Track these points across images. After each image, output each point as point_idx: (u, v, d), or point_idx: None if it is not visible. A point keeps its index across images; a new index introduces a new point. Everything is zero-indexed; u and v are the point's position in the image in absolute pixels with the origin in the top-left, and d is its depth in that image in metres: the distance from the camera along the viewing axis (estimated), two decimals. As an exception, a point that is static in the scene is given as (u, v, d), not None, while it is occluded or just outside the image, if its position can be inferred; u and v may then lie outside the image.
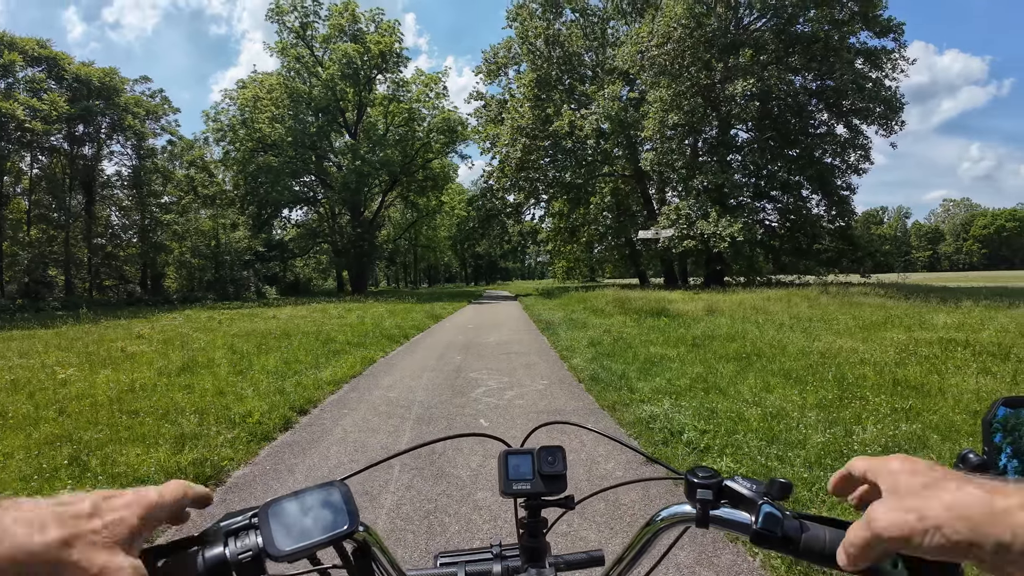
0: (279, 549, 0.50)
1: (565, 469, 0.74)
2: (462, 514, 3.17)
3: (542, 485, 0.72)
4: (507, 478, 0.73)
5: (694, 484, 0.63)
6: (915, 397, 4.93)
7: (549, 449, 0.74)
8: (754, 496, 0.59)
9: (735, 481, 0.62)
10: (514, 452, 0.75)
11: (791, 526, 0.56)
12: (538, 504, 0.74)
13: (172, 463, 3.87)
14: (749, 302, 14.68)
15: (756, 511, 0.57)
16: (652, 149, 26.53)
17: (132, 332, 12.70)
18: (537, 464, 0.73)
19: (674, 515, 0.67)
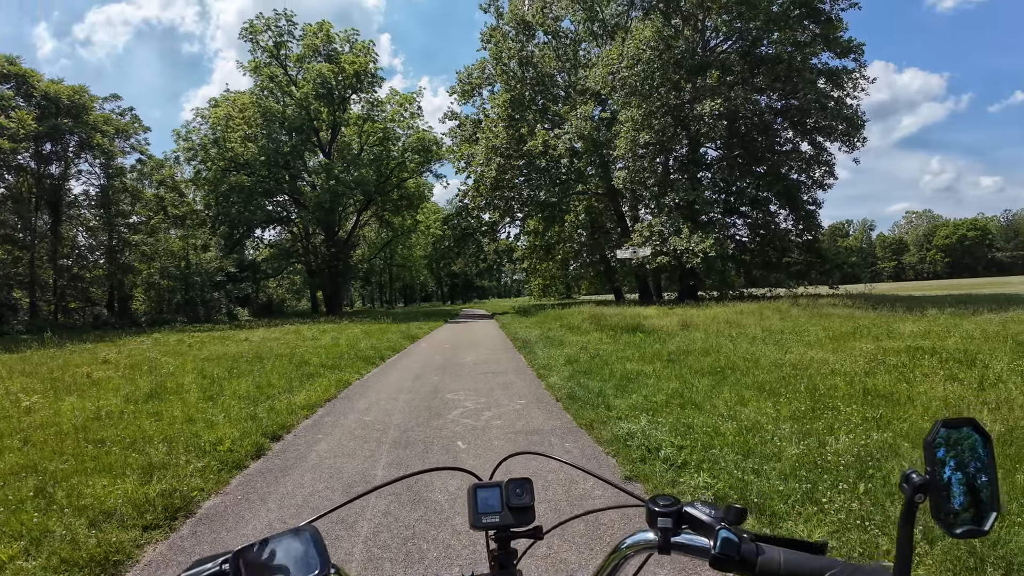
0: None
1: (533, 501, 0.75)
2: (440, 540, 3.12)
3: (511, 517, 0.74)
4: (476, 511, 0.74)
5: (655, 512, 0.65)
6: (885, 406, 5.05)
7: (517, 481, 0.76)
8: (712, 522, 0.62)
9: (694, 507, 0.64)
10: (483, 485, 0.76)
11: (748, 549, 0.58)
12: (508, 536, 0.75)
13: (140, 494, 3.74)
14: (722, 316, 14.92)
15: (714, 536, 0.59)
16: (624, 167, 26.95)
17: (98, 357, 12.30)
18: (505, 496, 0.75)
19: (638, 542, 0.69)
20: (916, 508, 0.53)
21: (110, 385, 8.25)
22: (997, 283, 49.81)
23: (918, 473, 0.54)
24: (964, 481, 0.56)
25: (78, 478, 4.12)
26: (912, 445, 3.97)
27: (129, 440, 5.12)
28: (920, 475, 0.54)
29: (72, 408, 6.50)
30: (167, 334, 21.11)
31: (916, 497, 0.52)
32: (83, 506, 3.60)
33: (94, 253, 35.58)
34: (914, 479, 0.53)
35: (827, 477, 3.52)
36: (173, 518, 3.57)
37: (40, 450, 4.83)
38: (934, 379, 5.93)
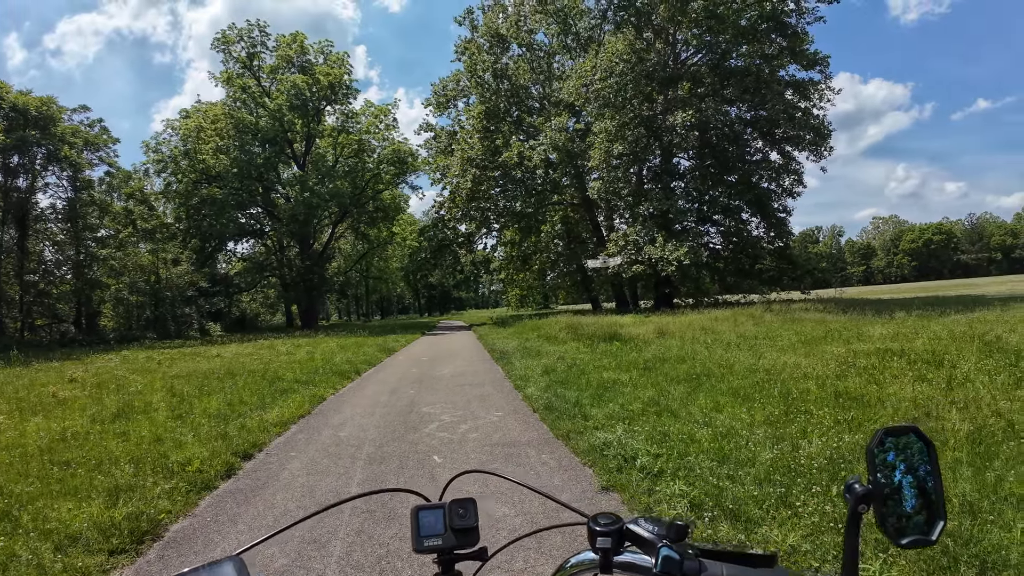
0: None
1: (477, 522, 0.74)
2: (415, 559, 3.07)
3: (454, 539, 0.72)
4: (418, 535, 0.72)
5: (595, 532, 0.64)
6: (856, 408, 5.14)
7: (460, 502, 0.75)
8: (654, 539, 0.61)
9: (637, 524, 0.63)
10: (425, 507, 0.75)
11: (690, 567, 0.57)
12: (451, 559, 0.74)
13: (106, 518, 3.61)
14: (698, 323, 15.09)
15: (656, 554, 0.58)
16: (599, 178, 27.25)
17: (65, 375, 11.90)
18: (448, 518, 0.73)
19: (581, 562, 0.68)
20: (860, 517, 0.53)
21: (76, 405, 7.99)
22: (963, 285, 51.39)
23: (860, 483, 0.54)
24: (915, 484, 0.56)
25: (43, 501, 3.98)
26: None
27: (95, 461, 4.96)
28: (863, 485, 0.54)
29: (37, 429, 6.28)
30: (136, 351, 20.53)
31: (860, 507, 0.52)
32: (49, 530, 3.48)
33: (61, 268, 34.60)
34: (856, 489, 0.53)
35: (801, 481, 3.56)
36: (140, 542, 3.45)
37: (5, 472, 4.65)
38: (903, 380, 6.05)
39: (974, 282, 62.07)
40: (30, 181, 32.37)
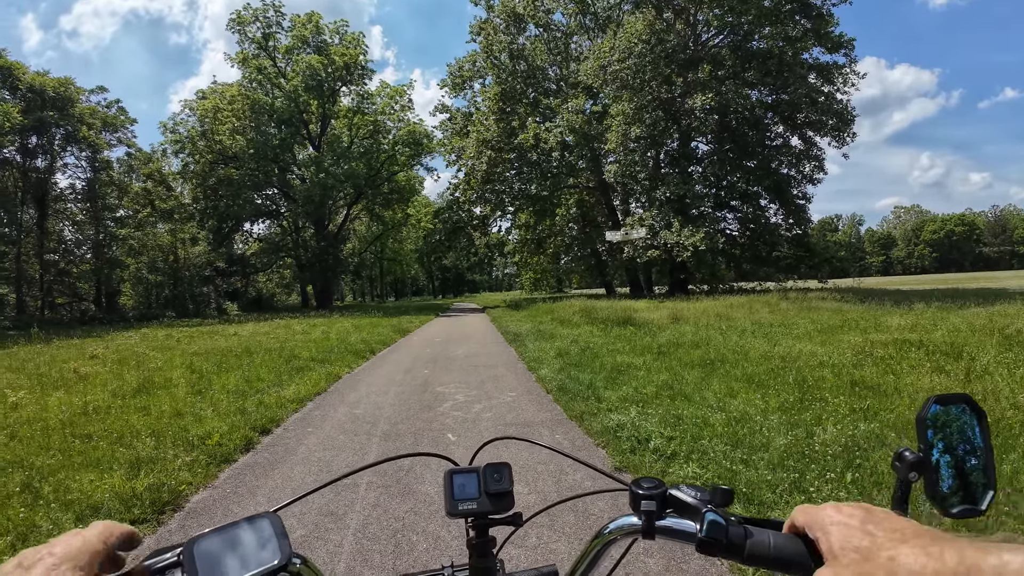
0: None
1: (512, 486, 0.73)
2: (430, 531, 3.12)
3: (488, 504, 0.72)
4: (452, 498, 0.72)
5: (638, 495, 0.63)
6: (872, 397, 5.09)
7: (495, 466, 0.74)
8: (698, 504, 0.60)
9: (679, 490, 0.62)
10: (459, 471, 0.74)
11: (736, 532, 0.56)
12: (485, 523, 0.74)
13: (127, 488, 3.70)
14: (712, 309, 14.99)
15: (700, 519, 0.57)
16: (615, 161, 26.97)
17: (85, 352, 12.16)
18: (483, 482, 0.73)
19: (621, 527, 0.67)
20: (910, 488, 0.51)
21: (98, 380, 8.17)
22: (984, 278, 50.42)
23: (911, 451, 0.53)
24: (952, 464, 0.55)
25: (65, 473, 4.08)
26: (898, 435, 4.01)
27: (116, 435, 5.07)
28: (913, 452, 0.52)
29: (59, 403, 6.42)
30: (155, 329, 20.92)
31: (911, 475, 0.51)
32: (70, 501, 3.57)
33: (81, 248, 35.17)
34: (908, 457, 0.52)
35: (815, 467, 3.55)
36: (161, 512, 3.54)
37: (27, 445, 4.77)
38: (921, 371, 5.98)
39: (996, 275, 60.85)
40: (49, 162, 32.81)
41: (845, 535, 0.44)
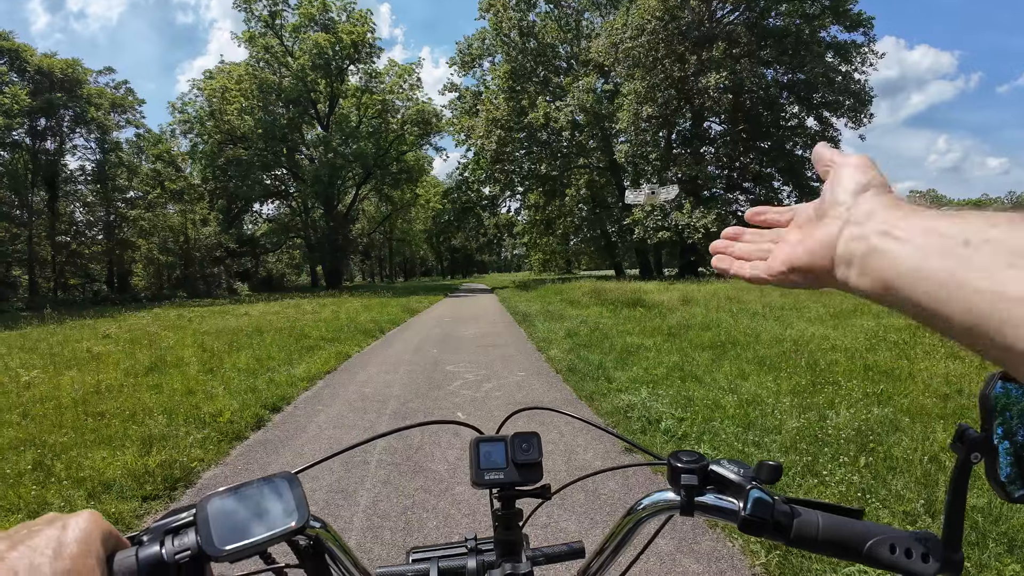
0: (218, 548, 0.45)
1: (541, 456, 0.69)
2: (440, 509, 3.12)
3: (516, 474, 0.68)
4: (478, 467, 0.68)
5: (678, 469, 0.59)
6: (886, 382, 5.03)
7: (523, 436, 0.70)
8: (742, 481, 0.56)
9: (721, 465, 0.59)
10: (486, 440, 0.70)
11: (782, 511, 0.53)
12: (512, 495, 0.70)
13: (139, 465, 3.74)
14: (723, 292, 14.87)
15: (744, 496, 0.54)
16: (627, 141, 26.66)
17: (98, 332, 12.29)
18: (511, 452, 0.69)
19: (657, 503, 0.63)
20: (970, 469, 0.47)
21: (110, 359, 8.24)
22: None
23: (974, 429, 0.48)
24: (1012, 451, 0.50)
25: (77, 450, 4.12)
26: (912, 420, 3.95)
27: (129, 412, 5.12)
28: (975, 431, 0.48)
29: (72, 382, 6.48)
30: (167, 309, 21.11)
31: (972, 456, 0.46)
32: (82, 478, 3.60)
33: (92, 229, 35.38)
34: (970, 436, 0.47)
35: (827, 450, 3.51)
36: (173, 488, 3.57)
37: (39, 424, 4.82)
38: (935, 356, 5.90)
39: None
40: (58, 144, 32.89)
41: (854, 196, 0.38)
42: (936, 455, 3.28)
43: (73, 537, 0.38)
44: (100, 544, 0.40)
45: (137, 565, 0.43)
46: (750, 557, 2.51)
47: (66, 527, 0.39)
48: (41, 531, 0.38)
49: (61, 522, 0.40)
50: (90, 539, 0.39)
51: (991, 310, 0.25)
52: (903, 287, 0.30)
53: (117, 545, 0.43)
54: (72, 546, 0.38)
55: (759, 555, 2.49)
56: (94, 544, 0.39)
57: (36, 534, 0.38)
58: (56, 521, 0.40)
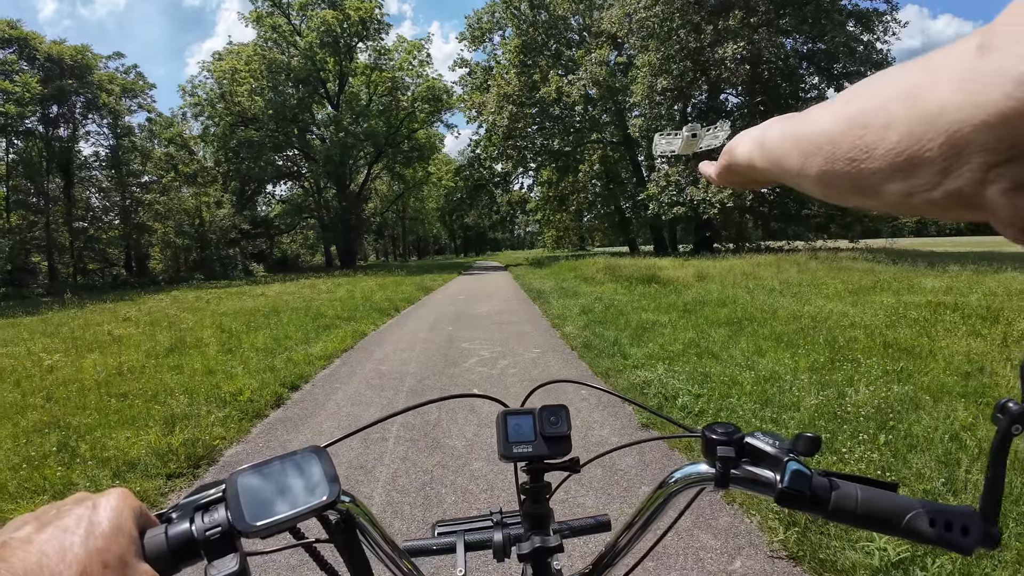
0: (249, 524, 0.45)
1: (569, 429, 0.68)
2: (458, 484, 3.16)
3: (545, 447, 0.67)
4: (506, 440, 0.67)
5: (713, 441, 0.58)
6: (906, 359, 4.95)
7: (551, 408, 0.69)
8: (778, 453, 0.55)
9: (756, 437, 0.57)
10: (513, 412, 0.69)
11: (820, 484, 0.52)
12: (541, 468, 0.69)
13: (163, 444, 3.82)
14: (739, 268, 14.72)
15: (781, 469, 0.53)
16: (641, 115, 26.21)
17: (119, 315, 12.51)
18: (539, 425, 0.68)
19: (690, 476, 0.62)
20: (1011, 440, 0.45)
21: (131, 341, 8.40)
22: (1022, 238, 48.17)
23: (1016, 401, 0.46)
24: None
25: (101, 431, 4.21)
26: (933, 399, 3.89)
27: (151, 393, 5.22)
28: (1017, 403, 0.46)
29: (94, 365, 6.62)
30: (185, 291, 21.42)
31: (1014, 428, 0.45)
32: (106, 458, 3.68)
33: (108, 214, 35.79)
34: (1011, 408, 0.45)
35: (847, 428, 3.48)
36: (196, 466, 3.65)
37: (63, 406, 4.93)
38: (956, 334, 5.79)
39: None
40: (71, 130, 33.12)
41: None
42: (957, 434, 3.24)
43: (105, 516, 0.38)
44: (132, 522, 0.40)
45: (167, 543, 0.42)
46: (768, 533, 2.51)
47: (97, 506, 0.39)
48: (71, 511, 0.38)
49: (91, 501, 0.39)
50: (122, 517, 0.39)
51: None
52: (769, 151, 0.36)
53: (147, 523, 0.43)
54: (104, 525, 0.37)
55: (777, 531, 2.48)
56: (126, 522, 0.39)
57: (66, 514, 0.37)
58: (86, 500, 0.39)
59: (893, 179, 0.25)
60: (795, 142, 0.32)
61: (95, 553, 0.35)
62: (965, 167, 0.22)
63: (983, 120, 0.20)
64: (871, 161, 0.25)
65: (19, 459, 3.71)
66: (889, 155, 0.24)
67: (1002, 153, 0.21)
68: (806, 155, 0.30)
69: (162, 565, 0.41)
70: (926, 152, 0.23)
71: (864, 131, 0.26)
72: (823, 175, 0.29)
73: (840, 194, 0.29)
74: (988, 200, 0.22)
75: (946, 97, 0.22)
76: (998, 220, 0.23)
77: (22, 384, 5.87)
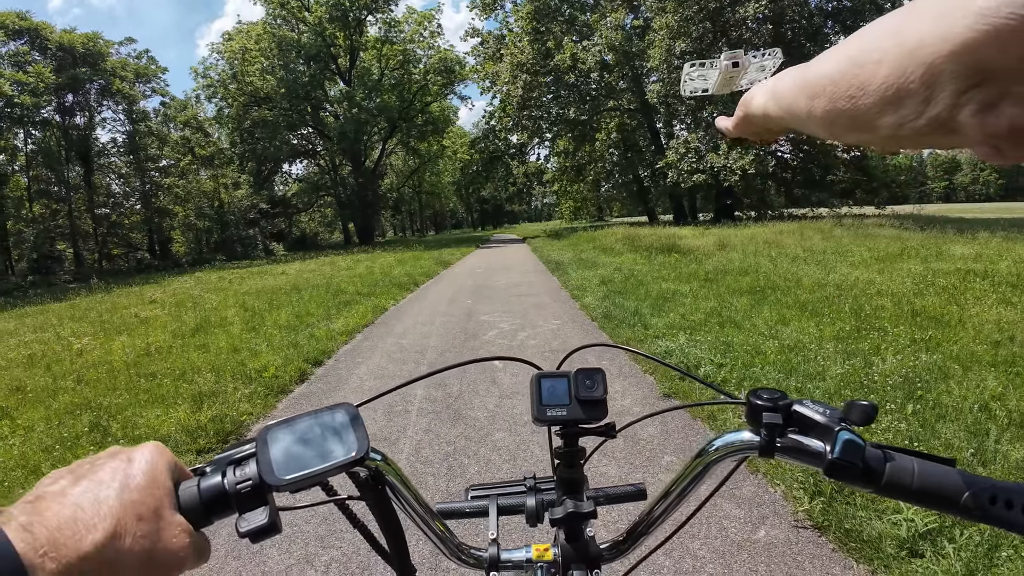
0: (278, 478, 0.45)
1: (605, 393, 0.66)
2: (481, 455, 3.19)
3: (580, 411, 0.65)
4: (540, 403, 0.65)
5: (758, 407, 0.55)
6: (934, 328, 4.82)
7: (587, 372, 0.66)
8: (829, 422, 0.51)
9: (805, 405, 0.54)
10: (548, 375, 0.67)
11: (873, 456, 0.49)
12: (575, 432, 0.67)
13: (192, 421, 3.92)
14: (761, 236, 14.43)
15: (832, 439, 0.50)
16: (659, 80, 25.48)
17: (144, 298, 12.79)
18: (574, 388, 0.66)
19: (732, 444, 0.59)
20: None
21: (158, 323, 8.59)
22: (1054, 206, 46.59)
23: None
24: None
25: (132, 410, 4.33)
26: (963, 368, 3.79)
27: (179, 372, 5.34)
28: None
29: (123, 346, 6.78)
30: (208, 272, 21.78)
31: None
32: (138, 436, 3.79)
33: (129, 199, 36.38)
34: None
35: (873, 397, 3.41)
36: (224, 441, 3.74)
37: (94, 388, 5.07)
38: (986, 302, 5.61)
39: (1067, 205, 55.90)
40: (87, 118, 33.47)
41: None
42: (987, 404, 3.16)
43: (139, 469, 0.39)
44: (167, 475, 0.40)
45: (199, 495, 0.43)
46: (793, 503, 2.49)
47: (131, 460, 0.39)
48: (105, 464, 0.38)
49: (126, 455, 0.40)
50: (156, 470, 0.40)
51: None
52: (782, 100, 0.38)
53: (181, 476, 0.44)
54: (138, 478, 0.38)
55: (802, 501, 2.46)
56: (161, 475, 0.40)
57: (100, 468, 0.38)
58: (120, 454, 0.40)
59: (886, 112, 0.28)
60: (803, 87, 0.34)
61: (129, 505, 0.36)
62: (941, 94, 0.24)
63: (951, 50, 0.23)
64: (866, 97, 0.28)
65: (52, 440, 3.84)
66: (880, 89, 0.27)
67: (970, 79, 0.23)
68: (812, 97, 0.33)
69: (195, 517, 0.42)
70: (910, 84, 0.25)
71: (860, 69, 0.28)
72: (827, 114, 0.32)
73: (843, 131, 0.32)
74: (961, 123, 0.25)
75: (924, 31, 0.25)
76: (972, 141, 0.25)
77: (52, 368, 6.05)
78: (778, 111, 0.39)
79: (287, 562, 2.34)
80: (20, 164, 31.97)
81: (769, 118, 0.41)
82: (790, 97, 0.36)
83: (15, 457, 3.61)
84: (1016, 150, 0.24)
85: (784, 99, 0.38)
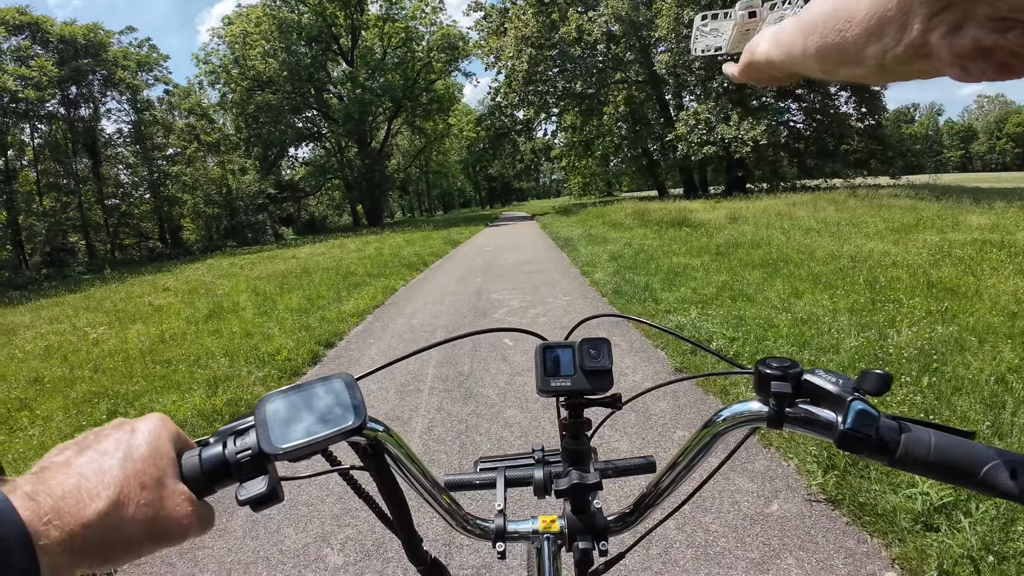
0: (275, 447, 0.45)
1: (611, 364, 0.65)
2: (493, 432, 3.21)
3: (585, 382, 0.64)
4: (544, 374, 0.64)
5: (767, 376, 0.52)
6: (951, 299, 4.74)
7: (592, 341, 0.65)
8: (841, 392, 0.49)
9: (816, 374, 0.52)
10: (552, 345, 0.66)
11: (888, 427, 0.47)
12: (580, 403, 0.66)
13: (207, 405, 3.97)
14: (773, 208, 14.23)
15: (844, 409, 0.48)
16: (667, 50, 24.91)
17: (158, 286, 12.92)
18: (579, 358, 0.64)
19: (740, 414, 0.57)
20: None
21: (171, 310, 8.69)
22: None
23: None
24: None
25: (148, 396, 4.40)
26: (979, 340, 3.72)
27: (193, 357, 5.41)
28: None
29: (138, 335, 6.88)
30: (219, 259, 21.93)
31: None
32: (155, 422, 3.84)
33: (138, 189, 36.49)
34: None
35: (888, 370, 3.29)
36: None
37: (110, 376, 5.15)
38: (1003, 273, 5.51)
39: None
40: (92, 109, 33.44)
41: None
42: (1003, 376, 3.11)
43: (143, 439, 0.40)
44: (170, 445, 0.41)
45: (201, 464, 0.43)
46: (806, 477, 2.48)
47: (135, 430, 0.40)
48: (109, 435, 0.39)
49: (129, 426, 0.41)
50: (159, 440, 0.40)
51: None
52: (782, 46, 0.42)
53: (184, 446, 0.44)
54: (142, 448, 0.39)
55: (815, 475, 2.45)
56: (164, 445, 0.40)
57: (104, 438, 0.39)
58: (124, 425, 0.41)
59: (870, 42, 0.30)
60: (799, 27, 0.37)
61: (133, 475, 0.37)
62: (915, 20, 0.27)
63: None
64: (853, 28, 0.31)
65: (71, 429, 3.91)
66: (864, 20, 0.30)
67: (937, 3, 0.25)
68: (807, 35, 0.36)
69: (197, 486, 0.42)
70: (888, 12, 0.28)
71: (846, 4, 0.31)
72: (820, 50, 0.35)
73: (834, 66, 0.35)
74: (933, 46, 0.26)
75: None
76: (943, 62, 0.27)
77: (69, 358, 6.15)
78: (780, 55, 0.42)
79: (304, 540, 2.38)
80: (28, 159, 32.15)
81: (772, 63, 0.44)
82: (790, 40, 0.39)
83: (35, 447, 3.68)
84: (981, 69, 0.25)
85: (784, 42, 0.41)
